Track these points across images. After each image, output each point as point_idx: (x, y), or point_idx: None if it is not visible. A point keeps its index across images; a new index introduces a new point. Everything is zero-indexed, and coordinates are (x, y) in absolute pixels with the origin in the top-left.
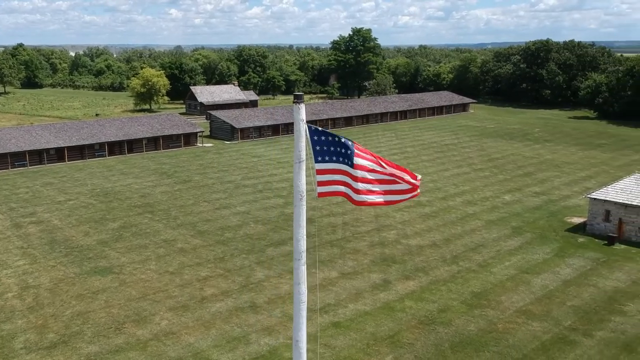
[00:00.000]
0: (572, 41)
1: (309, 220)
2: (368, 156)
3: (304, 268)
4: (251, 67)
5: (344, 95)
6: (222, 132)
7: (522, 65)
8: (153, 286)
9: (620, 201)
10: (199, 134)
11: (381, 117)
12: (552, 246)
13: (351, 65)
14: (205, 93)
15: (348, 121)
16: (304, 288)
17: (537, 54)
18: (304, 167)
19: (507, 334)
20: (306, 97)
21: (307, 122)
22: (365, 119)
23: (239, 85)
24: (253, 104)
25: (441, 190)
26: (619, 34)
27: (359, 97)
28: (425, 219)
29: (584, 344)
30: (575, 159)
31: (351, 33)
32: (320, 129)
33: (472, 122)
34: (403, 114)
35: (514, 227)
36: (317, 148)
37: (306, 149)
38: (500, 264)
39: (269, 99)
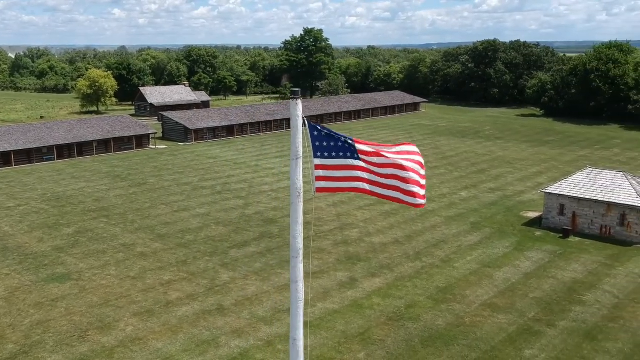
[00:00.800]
0: (517, 41)
1: (270, 221)
2: (371, 149)
3: (301, 266)
4: (201, 67)
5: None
6: (175, 133)
7: (470, 65)
8: (115, 292)
9: (574, 195)
10: (151, 136)
11: (335, 117)
12: (511, 240)
13: (303, 65)
14: (156, 94)
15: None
16: (301, 286)
17: (485, 53)
18: (300, 164)
19: (475, 327)
20: (258, 97)
21: (262, 122)
22: (320, 119)
23: (189, 86)
24: (205, 104)
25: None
26: (558, 34)
27: (311, 98)
28: (386, 217)
29: (548, 334)
30: (526, 156)
31: (303, 33)
32: (319, 125)
33: (424, 121)
34: (356, 114)
35: (473, 223)
36: (317, 143)
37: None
38: (463, 259)
39: (221, 99)
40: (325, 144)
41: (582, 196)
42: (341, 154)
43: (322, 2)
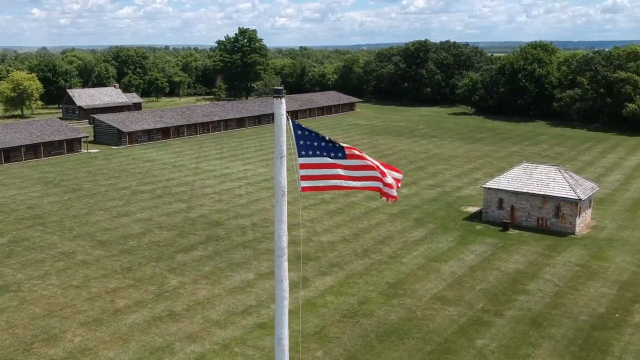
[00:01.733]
0: (447, 41)
1: (216, 224)
2: (355, 151)
3: (286, 264)
4: (131, 68)
5: (231, 97)
6: (107, 136)
7: (402, 65)
8: (58, 302)
9: (512, 189)
10: (83, 140)
11: (272, 117)
12: (454, 235)
13: (238, 66)
14: (84, 96)
15: (240, 122)
16: (285, 285)
17: (417, 54)
18: (284, 162)
19: (427, 320)
20: (191, 98)
21: (199, 124)
22: (258, 119)
23: (119, 88)
24: (137, 106)
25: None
26: (482, 35)
27: (246, 98)
28: (332, 216)
29: (497, 323)
30: (461, 153)
31: (237, 33)
32: (302, 125)
33: (360, 121)
34: (294, 114)
35: (416, 219)
36: (301, 142)
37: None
38: (409, 254)
39: (153, 101)
40: (309, 143)
41: (520, 190)
42: (324, 153)
43: (251, 2)
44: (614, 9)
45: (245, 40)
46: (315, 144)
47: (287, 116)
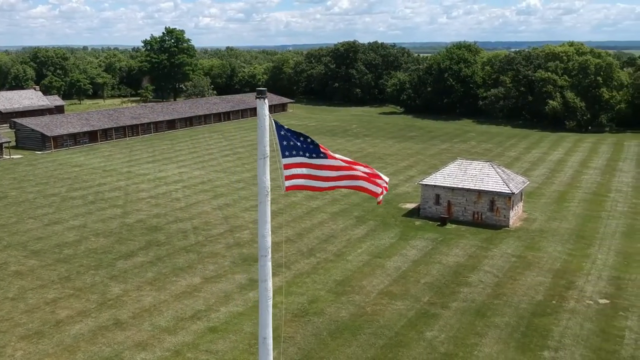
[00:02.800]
0: (376, 42)
1: (155, 229)
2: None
3: (269, 264)
4: (50, 69)
5: (159, 98)
6: (31, 141)
7: (332, 66)
8: None
9: (448, 185)
10: (4, 145)
11: (205, 119)
12: (395, 231)
13: (165, 66)
14: (2, 99)
15: (171, 124)
16: (269, 284)
17: (346, 54)
18: (268, 162)
19: (377, 316)
20: (116, 100)
21: (128, 126)
22: (189, 121)
23: (39, 90)
24: (59, 109)
25: (282, 188)
26: (405, 35)
27: (174, 100)
28: (274, 216)
29: (444, 315)
30: (394, 151)
31: (163, 33)
32: (283, 125)
33: (293, 121)
34: (226, 115)
35: (357, 217)
36: (284, 143)
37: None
38: (354, 252)
39: (76, 103)
40: (292, 143)
41: (456, 186)
42: (307, 153)
43: (173, 1)
44: (527, 11)
45: (173, 41)
46: (298, 144)
47: (269, 116)
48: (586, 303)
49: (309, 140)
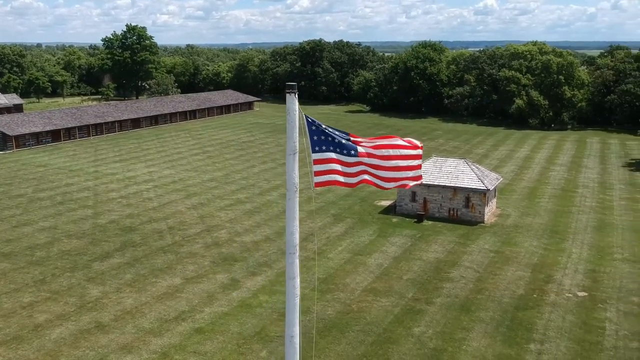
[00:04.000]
0: (341, 41)
1: (129, 230)
2: (367, 142)
3: (297, 262)
4: (7, 67)
5: (120, 96)
6: None
7: (297, 64)
8: None
9: (424, 182)
10: None
11: (170, 117)
12: (373, 228)
13: (127, 64)
14: None
15: (136, 123)
16: (297, 282)
17: (312, 53)
18: (297, 158)
19: (363, 313)
20: (76, 99)
21: (92, 125)
22: (154, 120)
23: None
24: (18, 108)
25: (256, 187)
26: (365, 35)
27: (137, 98)
28: (250, 215)
29: (430, 310)
30: None
31: (125, 31)
32: (315, 119)
33: (261, 120)
34: (192, 114)
35: (334, 215)
36: (315, 138)
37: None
38: (334, 250)
39: (34, 102)
40: (323, 138)
41: (431, 183)
42: (338, 149)
43: None
44: (484, 12)
45: (135, 38)
46: (329, 139)
47: (300, 111)
48: (566, 296)
49: (339, 135)
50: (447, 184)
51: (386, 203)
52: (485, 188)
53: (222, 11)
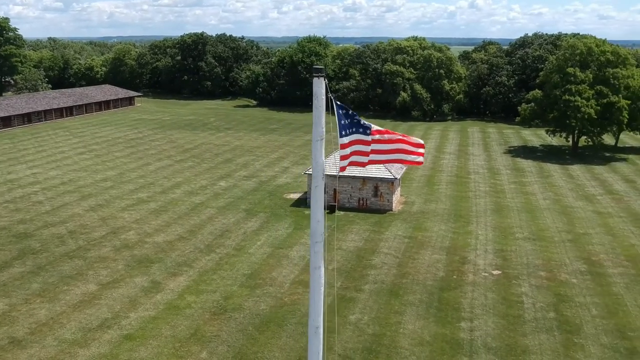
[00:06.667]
0: (224, 35)
1: (25, 236)
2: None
3: (322, 251)
4: None
5: None
6: None
7: (178, 58)
8: None
9: (334, 173)
10: None
11: (45, 115)
12: (288, 221)
13: None
14: None
15: (6, 122)
16: (322, 272)
17: (195, 47)
18: (323, 145)
19: (297, 305)
20: None
21: None
22: (27, 118)
23: None
24: None
25: (156, 185)
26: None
27: (1, 95)
28: (157, 215)
29: (361, 298)
30: (261, 143)
31: None
32: (342, 104)
33: (145, 116)
34: (68, 111)
35: (246, 210)
36: (342, 122)
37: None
38: (254, 245)
39: None
40: (348, 121)
41: (341, 173)
42: (357, 129)
43: None
44: (353, 8)
45: None
46: (355, 121)
47: (331, 97)
48: (482, 275)
49: (357, 118)
50: (356, 175)
51: (296, 196)
52: (393, 177)
53: (83, 2)
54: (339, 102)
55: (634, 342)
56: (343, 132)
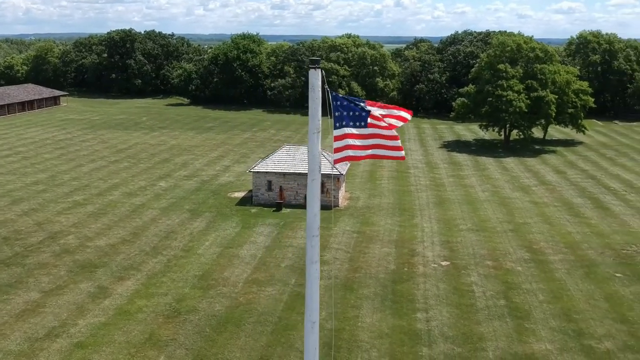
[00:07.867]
0: (153, 31)
1: None
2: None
3: (318, 245)
4: None
5: None
6: None
7: (104, 55)
8: None
9: (279, 171)
10: None
11: None
12: (235, 220)
13: None
14: None
15: None
16: (318, 266)
17: (122, 44)
18: (320, 137)
19: (253, 304)
20: None
21: None
22: None
23: None
24: None
25: (92, 187)
26: (162, 27)
27: None
28: (96, 218)
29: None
30: (198, 142)
31: None
32: (338, 94)
33: (72, 116)
34: None
35: (190, 210)
36: (337, 114)
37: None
38: (202, 245)
39: None
40: (344, 113)
41: (287, 171)
42: (350, 122)
43: None
44: (281, 6)
45: None
46: (350, 113)
47: (326, 88)
48: (432, 267)
49: (359, 106)
50: (302, 172)
51: (240, 194)
52: (339, 173)
53: None
54: (335, 94)
55: (580, 324)
56: (337, 124)
